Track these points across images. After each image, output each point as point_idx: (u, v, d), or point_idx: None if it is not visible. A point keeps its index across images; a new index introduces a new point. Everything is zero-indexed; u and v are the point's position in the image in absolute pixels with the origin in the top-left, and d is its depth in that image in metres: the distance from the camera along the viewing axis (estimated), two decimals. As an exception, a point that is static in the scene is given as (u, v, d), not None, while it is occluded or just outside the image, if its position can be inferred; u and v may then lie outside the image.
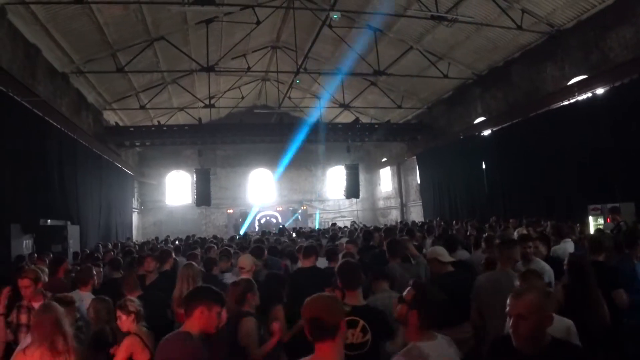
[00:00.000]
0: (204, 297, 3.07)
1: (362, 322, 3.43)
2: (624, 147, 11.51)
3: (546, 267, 5.18)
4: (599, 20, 12.71)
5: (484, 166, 18.20)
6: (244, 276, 4.94)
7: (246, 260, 5.64)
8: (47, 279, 6.07)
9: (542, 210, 13.69)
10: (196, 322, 2.98)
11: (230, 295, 4.26)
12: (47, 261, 8.37)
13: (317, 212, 30.60)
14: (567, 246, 6.86)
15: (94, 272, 5.83)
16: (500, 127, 17.20)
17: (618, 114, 11.67)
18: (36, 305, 4.52)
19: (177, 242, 15.07)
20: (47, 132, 12.86)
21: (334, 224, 19.46)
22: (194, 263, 5.79)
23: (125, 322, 3.90)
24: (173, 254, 7.77)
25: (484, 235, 7.47)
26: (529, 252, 5.36)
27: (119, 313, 3.95)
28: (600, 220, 10.67)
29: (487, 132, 18.16)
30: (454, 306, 3.66)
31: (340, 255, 6.34)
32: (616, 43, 12.31)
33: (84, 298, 5.18)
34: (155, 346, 3.26)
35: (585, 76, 13.32)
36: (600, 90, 12.58)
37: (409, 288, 2.94)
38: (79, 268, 6.86)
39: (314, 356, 2.37)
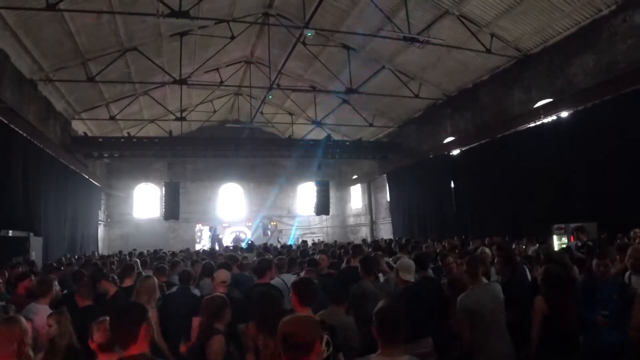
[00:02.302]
0: (142, 315, 2.86)
1: (326, 336, 3.43)
2: (588, 168, 11.99)
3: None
4: (564, 47, 13.25)
5: (452, 185, 18.53)
6: (221, 290, 4.91)
7: (225, 274, 5.61)
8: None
9: (508, 229, 13.97)
10: (143, 341, 2.78)
11: (205, 310, 4.26)
12: (7, 275, 8.13)
13: (294, 226, 30.40)
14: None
15: (55, 285, 5.62)
16: (468, 147, 17.59)
17: (581, 137, 12.16)
18: None
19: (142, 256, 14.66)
20: (11, 140, 12.53)
21: (304, 241, 19.40)
22: (152, 275, 5.70)
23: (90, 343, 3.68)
24: (136, 269, 7.57)
25: (440, 255, 7.64)
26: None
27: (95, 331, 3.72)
28: (564, 239, 10.95)
29: (456, 152, 18.51)
30: (413, 321, 3.69)
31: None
32: (579, 69, 12.82)
33: (39, 311, 5.01)
34: None
35: (551, 100, 13.78)
36: (564, 114, 13.07)
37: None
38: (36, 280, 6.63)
39: None
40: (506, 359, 4.55)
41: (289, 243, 23.13)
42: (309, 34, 13.66)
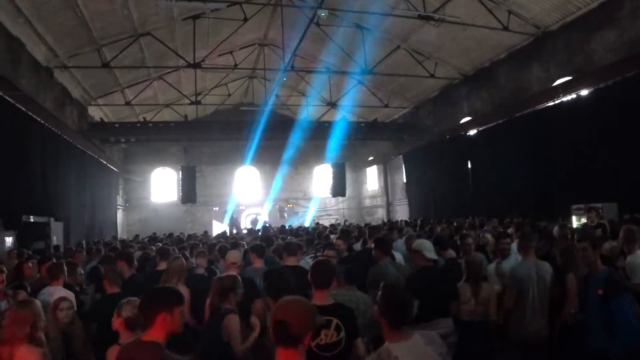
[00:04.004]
0: (163, 303, 2.85)
1: (335, 320, 3.40)
2: (607, 147, 11.69)
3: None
4: (584, 23, 12.90)
5: (469, 166, 18.33)
6: (232, 272, 4.93)
7: (236, 255, 5.65)
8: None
9: (526, 209, 13.79)
10: (160, 328, 2.78)
11: (213, 291, 4.32)
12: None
13: (307, 209, 30.45)
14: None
15: (65, 267, 5.73)
16: (485, 127, 17.34)
17: (601, 115, 11.84)
18: None
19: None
20: (30, 127, 12.65)
21: (317, 223, 19.43)
22: (180, 256, 5.79)
23: (114, 322, 3.77)
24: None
25: (459, 235, 7.56)
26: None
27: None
28: (583, 220, 10.78)
29: (472, 132, 18.28)
30: (431, 302, 3.67)
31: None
32: (600, 46, 12.49)
33: (54, 292, 5.18)
34: None
35: (570, 78, 13.48)
36: (584, 92, 12.76)
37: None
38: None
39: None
40: (537, 334, 4.75)
41: (305, 225, 23.19)
42: (323, 15, 13.53)
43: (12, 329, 3.40)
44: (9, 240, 11.01)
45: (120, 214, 25.62)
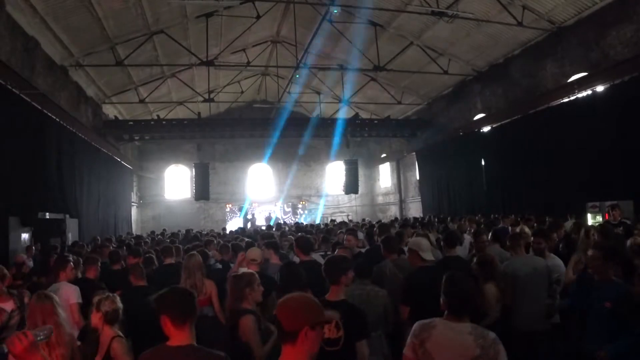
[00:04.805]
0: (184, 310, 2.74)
1: (336, 318, 3.37)
2: (623, 144, 11.50)
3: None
4: (600, 18, 12.69)
5: (483, 163, 18.18)
6: (252, 269, 4.86)
7: (256, 252, 5.60)
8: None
9: (540, 207, 13.66)
10: (189, 331, 2.70)
11: (230, 292, 4.18)
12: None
13: (321, 204, 30.54)
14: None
15: (69, 262, 5.80)
16: (499, 123, 17.18)
17: (617, 112, 11.64)
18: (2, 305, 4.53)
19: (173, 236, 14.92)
20: (45, 125, 12.78)
21: (332, 220, 19.46)
22: (196, 253, 5.83)
23: (93, 317, 3.82)
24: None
25: (473, 232, 7.53)
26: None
27: (93, 308, 3.86)
28: (599, 218, 10.66)
29: (486, 129, 18.12)
30: (428, 303, 3.63)
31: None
32: (616, 41, 12.30)
33: (60, 287, 5.29)
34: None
35: (585, 73, 13.30)
36: (600, 88, 12.56)
37: None
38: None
39: (281, 357, 2.30)
40: (537, 325, 4.86)
41: (316, 222, 23.24)
42: (335, 11, 13.55)
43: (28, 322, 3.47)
44: (25, 236, 11.20)
45: (134, 211, 25.86)
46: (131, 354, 3.66)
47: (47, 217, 12.40)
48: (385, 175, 31.15)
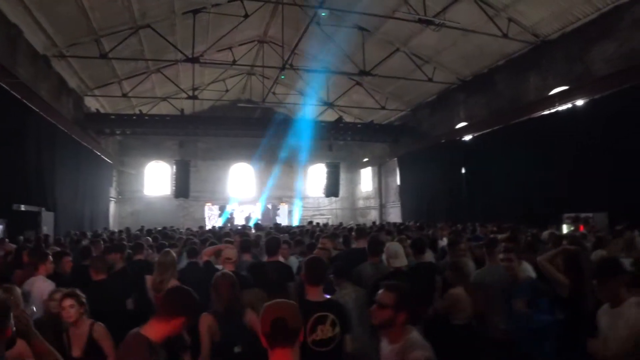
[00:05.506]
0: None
1: (331, 316, 3.47)
2: (601, 158, 11.77)
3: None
4: (583, 33, 12.98)
5: (463, 171, 18.39)
6: (228, 268, 5.00)
7: (232, 251, 5.67)
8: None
9: (519, 217, 13.82)
10: (169, 328, 2.76)
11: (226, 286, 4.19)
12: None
13: (299, 206, 30.48)
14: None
15: (48, 257, 5.72)
16: (481, 133, 17.40)
17: (596, 126, 11.92)
18: None
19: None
20: (25, 115, 12.58)
21: (310, 222, 19.48)
22: (170, 250, 5.83)
23: (76, 312, 3.85)
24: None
25: (448, 240, 7.61)
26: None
27: (70, 301, 3.86)
28: (573, 228, 10.86)
29: (468, 138, 18.34)
30: None
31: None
32: (598, 57, 12.57)
33: (35, 282, 5.25)
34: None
35: (567, 87, 13.55)
36: (580, 102, 12.84)
37: (383, 292, 2.97)
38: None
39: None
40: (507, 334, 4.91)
41: (294, 224, 23.23)
42: (323, 14, 13.57)
43: None
44: (-1, 228, 10.97)
45: (112, 206, 25.52)
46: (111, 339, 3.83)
47: (23, 209, 12.15)
48: (366, 179, 31.24)
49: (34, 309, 4.48)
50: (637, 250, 6.08)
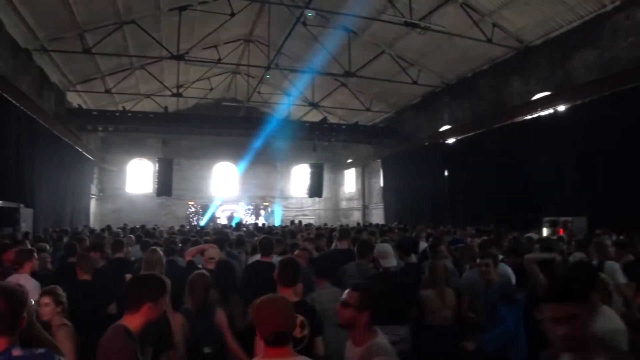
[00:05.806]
0: (151, 293, 2.84)
1: (301, 318, 3.48)
2: (581, 163, 12.00)
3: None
4: (566, 40, 13.19)
5: (446, 173, 18.55)
6: (209, 266, 5.08)
7: (214, 251, 5.80)
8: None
9: (500, 219, 14.01)
10: (141, 317, 2.78)
11: (200, 286, 4.33)
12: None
13: (279, 207, 30.40)
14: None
15: (34, 254, 5.67)
16: (464, 136, 17.57)
17: (577, 132, 12.14)
18: None
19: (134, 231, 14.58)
20: (5, 110, 12.36)
21: (292, 222, 19.47)
22: (157, 249, 5.81)
23: (51, 311, 3.83)
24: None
25: (429, 243, 7.71)
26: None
27: (47, 299, 3.87)
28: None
29: (451, 140, 18.51)
30: (385, 307, 3.74)
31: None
32: (580, 64, 12.79)
33: (19, 281, 5.04)
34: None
35: (549, 93, 13.75)
36: (561, 108, 13.06)
37: (348, 291, 2.98)
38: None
39: (265, 356, 2.38)
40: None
41: (276, 224, 23.20)
42: (310, 15, 13.58)
43: None
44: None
45: (93, 204, 25.21)
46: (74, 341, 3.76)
47: (0, 205, 11.94)
48: (350, 180, 31.32)
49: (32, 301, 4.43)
50: (606, 254, 6.16)
